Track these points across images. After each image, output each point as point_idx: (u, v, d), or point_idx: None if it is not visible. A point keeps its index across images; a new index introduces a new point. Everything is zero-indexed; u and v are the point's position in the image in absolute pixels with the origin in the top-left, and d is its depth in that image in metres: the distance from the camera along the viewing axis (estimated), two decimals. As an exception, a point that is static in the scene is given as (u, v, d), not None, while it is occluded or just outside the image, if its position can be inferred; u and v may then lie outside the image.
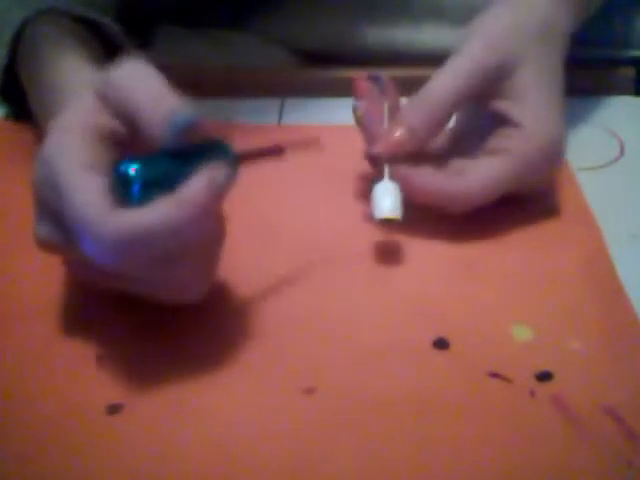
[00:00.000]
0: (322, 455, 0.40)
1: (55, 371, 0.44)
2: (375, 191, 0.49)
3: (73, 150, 0.41)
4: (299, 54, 0.72)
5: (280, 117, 0.66)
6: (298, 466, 0.39)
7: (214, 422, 0.41)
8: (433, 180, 0.51)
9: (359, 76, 0.53)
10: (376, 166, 0.52)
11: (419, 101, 0.51)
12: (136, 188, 0.39)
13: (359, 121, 0.52)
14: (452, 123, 0.54)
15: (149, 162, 0.40)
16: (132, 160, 0.40)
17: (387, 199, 0.49)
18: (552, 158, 0.52)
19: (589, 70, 0.68)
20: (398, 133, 0.50)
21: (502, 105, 0.52)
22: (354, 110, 0.52)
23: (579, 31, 0.64)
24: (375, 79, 0.54)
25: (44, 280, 0.49)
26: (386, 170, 0.50)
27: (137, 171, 0.40)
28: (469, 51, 0.51)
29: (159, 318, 0.46)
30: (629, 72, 0.68)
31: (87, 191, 0.39)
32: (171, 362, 0.44)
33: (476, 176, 0.51)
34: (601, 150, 0.61)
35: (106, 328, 0.46)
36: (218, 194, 0.40)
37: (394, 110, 0.53)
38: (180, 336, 0.45)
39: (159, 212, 0.39)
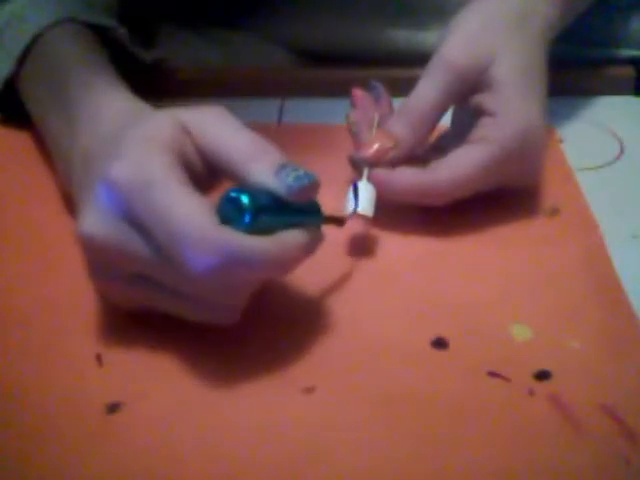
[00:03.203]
0: (322, 454, 0.40)
1: (55, 370, 0.44)
2: (351, 189, 0.51)
3: (172, 166, 0.42)
4: (299, 54, 0.72)
5: (280, 117, 0.66)
6: (298, 465, 0.39)
7: (214, 421, 0.41)
8: (403, 177, 0.52)
9: (357, 86, 0.56)
10: (357, 169, 0.53)
11: (403, 113, 0.53)
12: (249, 216, 0.41)
13: (350, 128, 0.54)
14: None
15: (255, 195, 0.42)
16: (241, 190, 0.42)
17: (360, 197, 0.51)
18: (528, 145, 0.52)
19: (589, 70, 0.68)
20: (382, 144, 0.52)
21: (479, 98, 0.53)
22: (347, 117, 0.55)
23: (579, 31, 0.64)
24: (372, 87, 0.56)
25: (44, 280, 0.50)
26: (365, 172, 0.52)
27: (250, 201, 0.42)
28: (446, 56, 0.52)
29: (159, 318, 0.46)
30: (629, 72, 0.68)
31: (197, 203, 0.41)
32: (171, 361, 0.44)
33: (444, 167, 0.51)
34: (601, 150, 0.62)
35: (106, 328, 0.46)
36: (309, 253, 0.43)
37: (386, 118, 0.54)
38: (180, 336, 0.45)
39: (264, 244, 0.41)
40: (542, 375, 0.43)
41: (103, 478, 0.39)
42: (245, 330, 0.46)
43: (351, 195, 0.51)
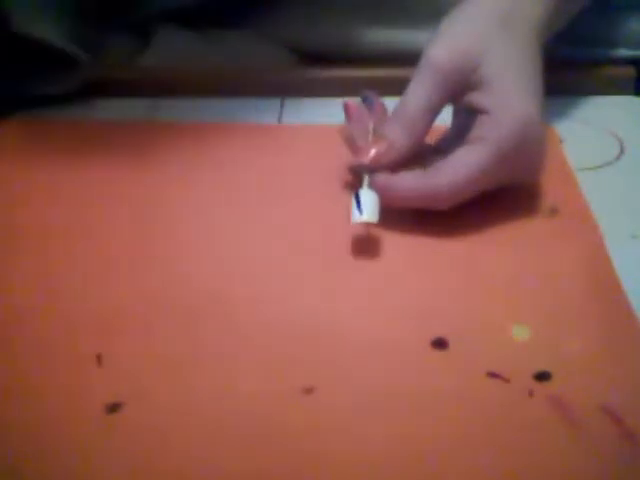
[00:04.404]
0: (321, 454, 0.40)
1: (55, 370, 0.44)
2: (353, 198, 0.51)
3: None
4: (299, 54, 0.72)
5: (280, 117, 0.66)
6: (297, 466, 0.39)
7: (213, 422, 0.41)
8: (404, 182, 0.52)
9: (349, 99, 0.56)
10: (358, 176, 0.54)
11: (396, 118, 0.53)
12: None
13: (346, 142, 0.55)
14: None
15: None
16: None
17: (362, 205, 0.51)
18: (527, 141, 0.52)
19: (589, 70, 0.68)
20: (379, 147, 0.52)
21: (472, 97, 0.53)
22: (340, 132, 0.55)
23: (579, 31, 0.64)
24: (364, 97, 0.56)
25: (44, 279, 0.50)
26: (365, 179, 0.52)
27: None
28: (433, 58, 0.53)
29: (159, 317, 0.46)
30: (629, 72, 0.68)
31: None
32: (171, 361, 0.44)
33: (444, 171, 0.51)
34: (601, 150, 0.62)
35: (106, 327, 0.46)
36: None
37: (381, 124, 0.54)
38: (180, 336, 0.46)
39: None
40: (542, 376, 0.43)
41: (103, 478, 0.39)
42: (245, 330, 0.46)
43: (355, 204, 0.51)
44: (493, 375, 0.43)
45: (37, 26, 0.62)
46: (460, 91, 0.53)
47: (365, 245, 0.52)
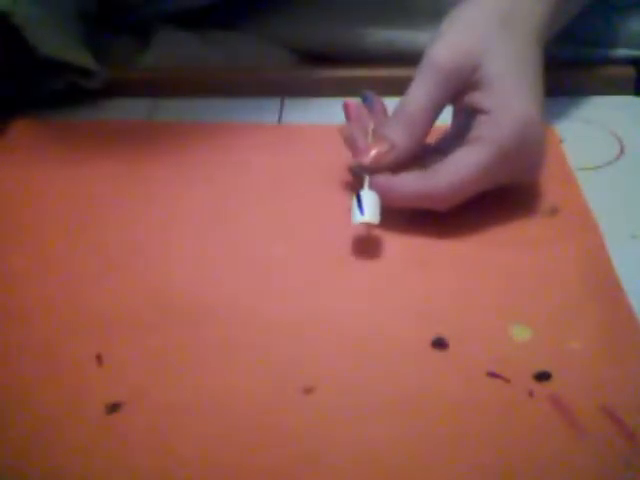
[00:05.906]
0: (321, 455, 0.40)
1: (55, 370, 0.44)
2: (354, 199, 0.51)
3: None
4: (299, 54, 0.72)
5: (280, 117, 0.66)
6: (297, 466, 0.39)
7: (213, 422, 0.41)
8: (404, 183, 0.52)
9: (349, 99, 0.57)
10: (358, 177, 0.54)
11: (397, 118, 0.53)
12: None
13: (345, 141, 0.55)
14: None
15: None
16: None
17: (364, 206, 0.51)
18: (527, 141, 0.52)
19: (589, 70, 0.68)
20: (379, 148, 0.52)
21: (473, 97, 0.53)
22: (340, 131, 0.55)
23: (579, 31, 0.64)
24: (364, 97, 0.57)
25: (44, 280, 0.50)
26: (366, 179, 0.52)
27: None
28: (434, 58, 0.53)
29: (159, 317, 0.46)
30: (629, 72, 0.68)
31: None
32: (171, 361, 0.44)
33: (444, 171, 0.51)
34: (601, 150, 0.61)
35: (106, 328, 0.46)
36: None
37: (381, 124, 0.54)
38: (179, 336, 0.46)
39: None
40: (542, 376, 0.43)
41: (103, 478, 0.39)
42: (245, 330, 0.46)
43: (356, 205, 0.51)
44: (493, 375, 0.43)
45: (56, 46, 0.62)
46: (461, 91, 0.53)
47: (365, 245, 0.52)
